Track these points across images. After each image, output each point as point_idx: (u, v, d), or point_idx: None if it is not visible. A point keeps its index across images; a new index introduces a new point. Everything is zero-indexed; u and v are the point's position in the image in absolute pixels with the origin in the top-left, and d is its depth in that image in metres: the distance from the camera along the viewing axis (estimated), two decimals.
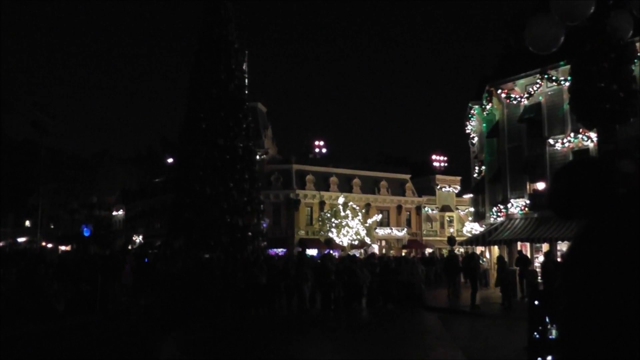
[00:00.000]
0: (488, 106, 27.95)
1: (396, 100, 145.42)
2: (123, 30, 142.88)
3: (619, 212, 1.51)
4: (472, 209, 38.43)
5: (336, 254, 29.98)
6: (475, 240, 27.62)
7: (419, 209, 54.63)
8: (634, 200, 1.51)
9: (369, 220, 46.17)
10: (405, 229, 52.72)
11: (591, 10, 8.20)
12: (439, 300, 20.70)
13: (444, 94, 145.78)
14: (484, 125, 30.26)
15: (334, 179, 49.62)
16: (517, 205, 25.19)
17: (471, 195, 38.74)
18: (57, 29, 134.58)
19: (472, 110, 31.04)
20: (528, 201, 24.84)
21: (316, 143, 58.07)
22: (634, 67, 14.29)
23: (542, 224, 22.81)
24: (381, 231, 50.51)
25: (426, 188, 55.38)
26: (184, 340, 12.33)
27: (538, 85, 24.60)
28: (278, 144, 52.91)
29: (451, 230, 53.09)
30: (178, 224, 28.08)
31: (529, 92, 25.00)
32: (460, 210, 54.94)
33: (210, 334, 13.17)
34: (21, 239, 58.54)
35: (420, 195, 54.66)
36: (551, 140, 24.38)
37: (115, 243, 51.10)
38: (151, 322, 14.25)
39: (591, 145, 22.52)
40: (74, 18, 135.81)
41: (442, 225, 55.64)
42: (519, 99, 25.58)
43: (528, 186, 25.52)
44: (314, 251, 36.58)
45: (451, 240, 27.09)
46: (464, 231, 43.14)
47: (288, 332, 13.93)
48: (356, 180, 50.72)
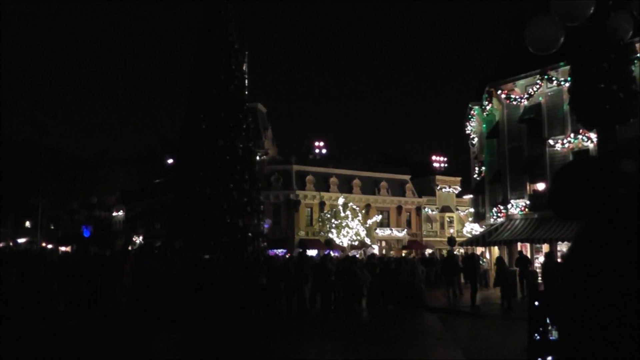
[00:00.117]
0: (488, 107, 27.96)
1: (396, 101, 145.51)
2: (123, 30, 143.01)
3: (619, 212, 1.52)
4: (472, 210, 38.43)
5: (336, 255, 29.98)
6: (476, 240, 27.62)
7: (419, 209, 54.64)
8: (634, 200, 1.52)
9: (369, 221, 46.18)
10: (405, 230, 52.73)
11: (591, 10, 8.21)
12: (439, 300, 20.71)
13: (444, 94, 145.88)
14: (484, 125, 30.27)
15: (334, 180, 49.62)
16: (517, 205, 25.20)
17: (471, 195, 38.74)
18: (57, 29, 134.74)
19: (472, 111, 31.05)
20: (528, 202, 24.85)
21: (316, 144, 58.11)
22: (633, 68, 14.31)
23: (542, 225, 22.82)
24: (381, 232, 50.52)
25: (426, 189, 55.40)
26: (184, 341, 12.33)
27: (538, 86, 24.62)
28: (278, 144, 53.02)
29: (451, 230, 53.09)
30: (178, 224, 28.08)
31: (529, 93, 25.01)
32: (460, 211, 54.94)
33: (210, 335, 13.17)
34: (21, 240, 58.55)
35: (420, 196, 54.68)
36: (551, 141, 24.38)
37: (116, 243, 51.09)
38: (151, 322, 14.26)
39: (591, 145, 22.53)
40: (74, 18, 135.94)
41: (442, 226, 55.64)
42: (519, 100, 25.60)
43: (528, 187, 25.53)
44: (313, 252, 36.55)
45: (451, 241, 27.10)
46: (464, 232, 43.16)
47: (288, 333, 13.93)
48: (356, 181, 50.73)
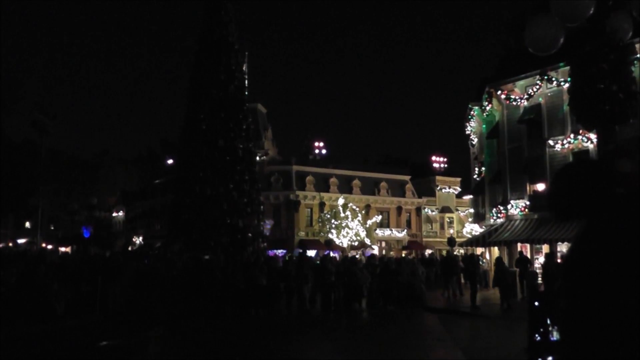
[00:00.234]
0: (488, 107, 27.96)
1: (396, 101, 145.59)
2: (123, 30, 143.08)
3: (618, 213, 1.52)
4: (472, 210, 38.43)
5: (336, 255, 29.98)
6: (475, 241, 27.61)
7: (419, 210, 54.62)
8: (633, 200, 1.52)
9: (369, 222, 46.15)
10: (405, 230, 52.72)
11: (591, 11, 8.21)
12: (439, 301, 20.70)
13: (443, 94, 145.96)
14: (484, 126, 30.26)
15: (333, 180, 49.61)
16: (517, 206, 25.19)
17: (471, 196, 38.74)
18: (57, 29, 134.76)
19: (472, 111, 31.05)
20: (528, 202, 24.84)
21: (316, 144, 58.08)
22: (633, 68, 14.32)
23: (542, 225, 22.81)
24: (381, 232, 50.50)
25: (426, 189, 55.38)
26: (184, 341, 12.32)
27: (538, 86, 24.62)
28: (278, 145, 52.97)
29: (451, 231, 53.07)
30: (178, 224, 28.06)
31: (529, 93, 25.01)
32: (460, 212, 54.92)
33: (210, 335, 13.16)
34: (21, 240, 58.53)
35: (420, 197, 54.66)
36: (551, 142, 24.38)
37: (116, 244, 51.12)
38: (151, 323, 14.25)
39: (591, 146, 22.53)
40: (74, 18, 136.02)
41: (442, 227, 55.62)
42: (519, 100, 25.60)
43: (528, 187, 25.53)
44: (313, 252, 36.53)
45: (451, 242, 27.13)
46: (464, 232, 43.16)
47: (288, 333, 13.92)
48: (356, 181, 50.71)
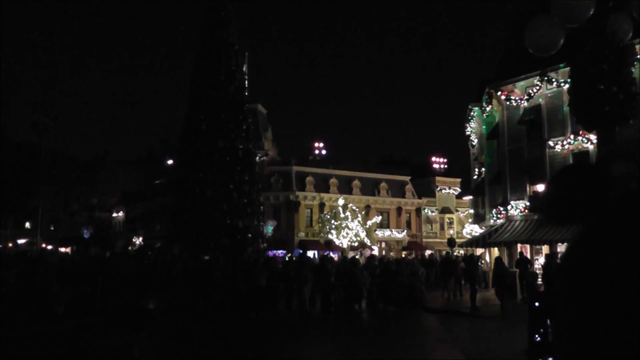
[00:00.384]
0: (488, 108, 27.96)
1: (396, 102, 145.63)
2: (123, 31, 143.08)
3: (614, 215, 1.52)
4: (472, 211, 38.42)
5: (335, 256, 29.98)
6: (475, 242, 27.60)
7: (418, 210, 54.62)
8: (629, 202, 1.52)
9: (369, 222, 46.14)
10: (405, 231, 52.71)
11: (591, 12, 8.20)
12: (439, 302, 20.70)
13: (444, 95, 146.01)
14: (484, 127, 30.26)
15: (333, 181, 49.61)
16: (517, 207, 25.19)
17: (471, 197, 38.72)
18: (57, 29, 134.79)
19: (472, 112, 31.04)
20: (528, 203, 24.84)
21: (316, 145, 58.02)
22: (633, 69, 14.32)
23: (542, 226, 22.78)
24: (381, 233, 50.49)
25: (426, 190, 55.37)
26: (184, 342, 12.32)
27: (538, 87, 24.61)
28: (278, 145, 52.95)
29: (451, 232, 53.04)
30: (178, 225, 28.09)
31: (529, 94, 25.00)
32: (460, 212, 54.90)
33: (210, 336, 13.16)
34: (21, 241, 58.50)
35: (420, 197, 54.65)
36: (551, 142, 24.38)
37: (116, 245, 51.13)
38: (151, 324, 14.23)
39: (591, 147, 22.52)
40: (75, 19, 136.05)
41: (442, 227, 55.60)
42: (519, 101, 25.59)
43: (528, 188, 25.52)
44: (313, 253, 36.52)
45: (451, 242, 27.12)
46: (464, 233, 43.12)
47: (288, 334, 13.92)
48: (356, 182, 50.71)
